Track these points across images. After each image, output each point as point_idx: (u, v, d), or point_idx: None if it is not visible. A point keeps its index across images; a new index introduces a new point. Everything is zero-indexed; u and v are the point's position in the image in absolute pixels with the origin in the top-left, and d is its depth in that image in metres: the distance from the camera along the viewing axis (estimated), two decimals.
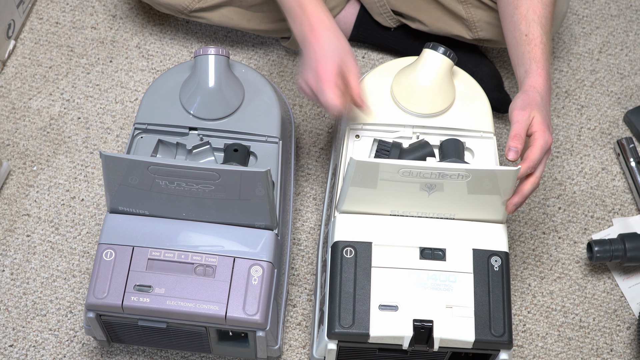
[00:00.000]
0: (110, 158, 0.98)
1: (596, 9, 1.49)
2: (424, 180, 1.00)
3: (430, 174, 0.99)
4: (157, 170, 0.99)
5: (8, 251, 1.23)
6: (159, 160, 0.99)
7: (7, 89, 1.37)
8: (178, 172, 0.98)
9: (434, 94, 1.12)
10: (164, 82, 1.17)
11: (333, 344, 1.01)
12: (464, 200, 1.03)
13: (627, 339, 1.21)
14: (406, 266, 1.02)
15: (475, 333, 0.99)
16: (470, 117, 1.13)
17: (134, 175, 1.00)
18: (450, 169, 0.98)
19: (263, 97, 1.16)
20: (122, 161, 0.98)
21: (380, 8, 1.34)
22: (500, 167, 0.98)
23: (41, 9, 1.44)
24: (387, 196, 1.03)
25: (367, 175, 1.00)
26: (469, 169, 0.98)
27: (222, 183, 0.99)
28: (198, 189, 1.00)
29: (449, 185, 1.00)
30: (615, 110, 1.39)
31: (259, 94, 1.16)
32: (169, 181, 1.00)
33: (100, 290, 1.01)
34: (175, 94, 1.15)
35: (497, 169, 0.98)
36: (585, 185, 1.32)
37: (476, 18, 1.27)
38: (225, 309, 1.00)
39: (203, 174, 0.98)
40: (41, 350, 1.16)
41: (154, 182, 1.00)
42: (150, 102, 1.15)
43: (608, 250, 1.19)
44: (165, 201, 1.04)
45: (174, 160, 1.08)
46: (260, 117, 1.14)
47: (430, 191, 1.02)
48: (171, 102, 1.15)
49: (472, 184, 1.00)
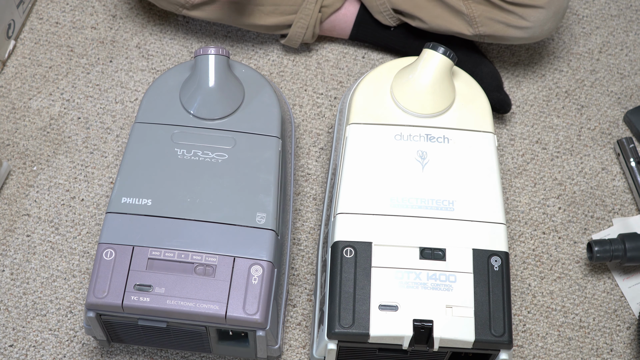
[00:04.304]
0: (141, 126, 1.13)
1: (596, 9, 1.49)
2: (414, 144, 1.08)
3: (419, 137, 1.09)
4: (179, 136, 1.11)
5: (8, 251, 1.23)
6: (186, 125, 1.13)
7: (7, 89, 1.37)
8: (199, 133, 1.11)
9: (434, 94, 1.12)
10: (164, 82, 1.17)
11: (333, 344, 1.01)
12: (457, 175, 1.07)
13: (627, 339, 1.21)
14: (406, 266, 1.02)
15: (475, 333, 0.99)
16: (470, 116, 1.14)
17: (158, 142, 1.11)
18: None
19: (263, 97, 1.16)
20: (151, 129, 1.12)
21: (381, 6, 1.34)
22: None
23: (41, 9, 1.44)
24: (384, 171, 1.08)
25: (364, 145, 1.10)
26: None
27: (236, 151, 1.10)
28: (212, 158, 1.08)
29: (437, 151, 1.08)
30: (615, 110, 1.39)
31: (259, 94, 1.17)
32: (187, 150, 1.08)
33: (100, 289, 1.01)
34: (175, 94, 1.16)
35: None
36: (585, 185, 1.32)
37: (477, 13, 1.28)
38: (225, 309, 1.00)
39: (221, 138, 1.11)
40: (41, 350, 1.16)
41: (173, 151, 1.10)
42: (150, 102, 1.16)
43: (608, 250, 1.19)
44: (174, 181, 1.07)
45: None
46: (260, 117, 1.15)
47: (423, 162, 1.07)
48: (171, 101, 1.15)
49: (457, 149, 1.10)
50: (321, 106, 1.37)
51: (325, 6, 1.36)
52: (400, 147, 1.11)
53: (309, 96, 1.38)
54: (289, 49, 1.42)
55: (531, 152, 1.34)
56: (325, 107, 1.37)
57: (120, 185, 1.08)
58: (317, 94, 1.38)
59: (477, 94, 1.16)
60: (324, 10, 1.36)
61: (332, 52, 1.42)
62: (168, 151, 1.11)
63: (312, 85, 1.39)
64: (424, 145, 1.11)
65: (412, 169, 1.09)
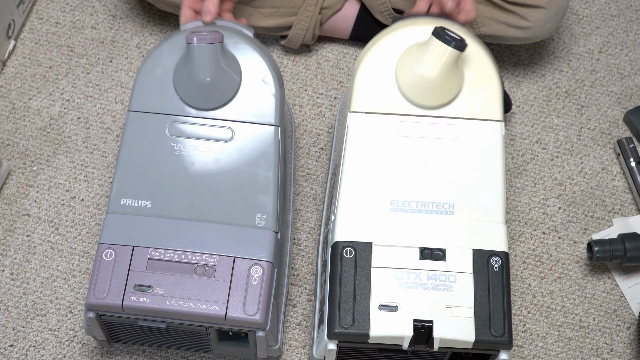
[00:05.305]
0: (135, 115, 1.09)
1: (596, 9, 1.48)
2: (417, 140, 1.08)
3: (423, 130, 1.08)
4: (175, 129, 1.08)
5: (8, 251, 1.23)
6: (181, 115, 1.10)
7: (7, 89, 1.37)
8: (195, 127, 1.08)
9: (441, 87, 1.08)
10: (156, 62, 1.11)
11: (333, 344, 1.01)
12: (459, 173, 1.06)
13: (627, 339, 1.21)
14: (406, 266, 1.02)
15: (475, 333, 0.99)
16: (478, 103, 1.09)
17: (153, 135, 1.08)
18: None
19: (260, 79, 1.10)
20: (146, 118, 1.08)
21: (381, 6, 1.34)
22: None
23: (41, 9, 1.44)
24: (385, 168, 1.07)
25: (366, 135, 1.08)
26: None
27: (234, 145, 1.07)
28: (210, 153, 1.06)
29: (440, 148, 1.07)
30: (615, 110, 1.39)
31: (257, 76, 1.10)
32: (184, 145, 1.07)
33: (100, 290, 1.01)
34: (168, 77, 1.10)
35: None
36: (585, 185, 1.32)
37: (478, 14, 1.27)
38: (225, 309, 1.00)
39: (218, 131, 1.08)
40: (41, 350, 1.16)
41: (169, 146, 1.07)
42: (143, 87, 1.10)
43: (608, 250, 1.19)
44: (172, 181, 1.06)
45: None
46: (258, 102, 1.10)
47: (425, 159, 1.07)
48: (165, 86, 1.10)
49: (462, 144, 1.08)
50: (321, 106, 1.37)
51: (325, 8, 1.36)
52: (403, 144, 1.08)
53: (309, 96, 1.38)
54: (288, 49, 1.42)
55: (531, 152, 1.34)
56: (325, 107, 1.37)
57: (119, 186, 1.07)
58: (317, 94, 1.38)
59: (489, 75, 1.10)
60: (324, 12, 1.36)
61: (332, 52, 1.42)
62: (165, 147, 1.08)
63: (312, 85, 1.39)
64: (427, 141, 1.08)
65: (414, 167, 1.08)
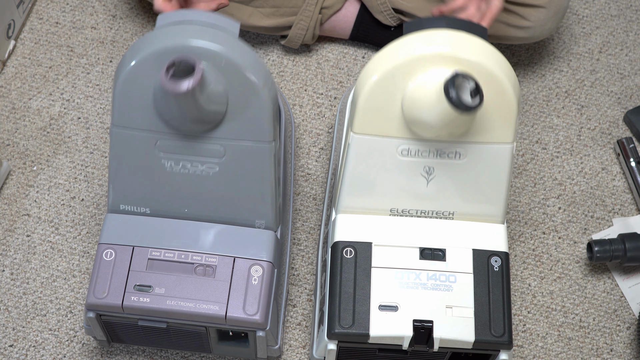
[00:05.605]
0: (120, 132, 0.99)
1: (596, 9, 1.48)
2: (422, 160, 1.00)
3: (428, 152, 1.00)
4: (164, 146, 1.00)
5: (8, 251, 1.23)
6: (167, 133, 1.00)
7: (7, 89, 1.37)
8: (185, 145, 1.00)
9: (448, 133, 0.98)
10: (135, 72, 0.96)
11: (333, 344, 1.01)
12: (462, 189, 1.03)
13: (627, 339, 1.21)
14: (406, 266, 1.02)
15: (475, 333, 0.99)
16: (490, 127, 0.99)
17: (142, 152, 1.00)
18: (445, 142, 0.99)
19: (251, 95, 0.98)
20: (132, 136, 0.99)
21: (381, 6, 1.34)
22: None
23: (41, 9, 1.44)
24: (387, 184, 1.03)
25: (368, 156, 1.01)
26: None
27: (226, 161, 1.00)
28: (202, 170, 1.01)
29: (445, 167, 1.01)
30: (615, 110, 1.39)
31: (247, 93, 0.97)
32: (175, 161, 1.00)
33: (100, 290, 1.01)
34: (148, 90, 0.96)
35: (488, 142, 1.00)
36: (585, 185, 1.32)
37: None
38: (225, 309, 1.00)
39: (209, 149, 1.00)
40: (41, 350, 1.16)
41: (160, 163, 1.01)
42: (123, 99, 0.98)
43: (608, 250, 1.20)
44: (168, 194, 1.04)
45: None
46: (250, 119, 0.99)
47: (429, 177, 1.02)
48: (146, 99, 0.97)
49: (469, 165, 1.01)
50: (321, 106, 1.37)
51: (325, 7, 1.36)
52: (406, 163, 1.01)
53: (309, 96, 1.38)
54: (288, 49, 1.42)
55: (531, 152, 1.34)
56: (325, 107, 1.37)
57: (115, 195, 1.04)
58: (317, 94, 1.38)
59: (503, 93, 0.96)
60: (324, 12, 1.36)
61: (332, 52, 1.42)
62: (155, 163, 1.01)
63: (312, 85, 1.39)
64: (431, 161, 1.01)
65: (416, 184, 1.02)
